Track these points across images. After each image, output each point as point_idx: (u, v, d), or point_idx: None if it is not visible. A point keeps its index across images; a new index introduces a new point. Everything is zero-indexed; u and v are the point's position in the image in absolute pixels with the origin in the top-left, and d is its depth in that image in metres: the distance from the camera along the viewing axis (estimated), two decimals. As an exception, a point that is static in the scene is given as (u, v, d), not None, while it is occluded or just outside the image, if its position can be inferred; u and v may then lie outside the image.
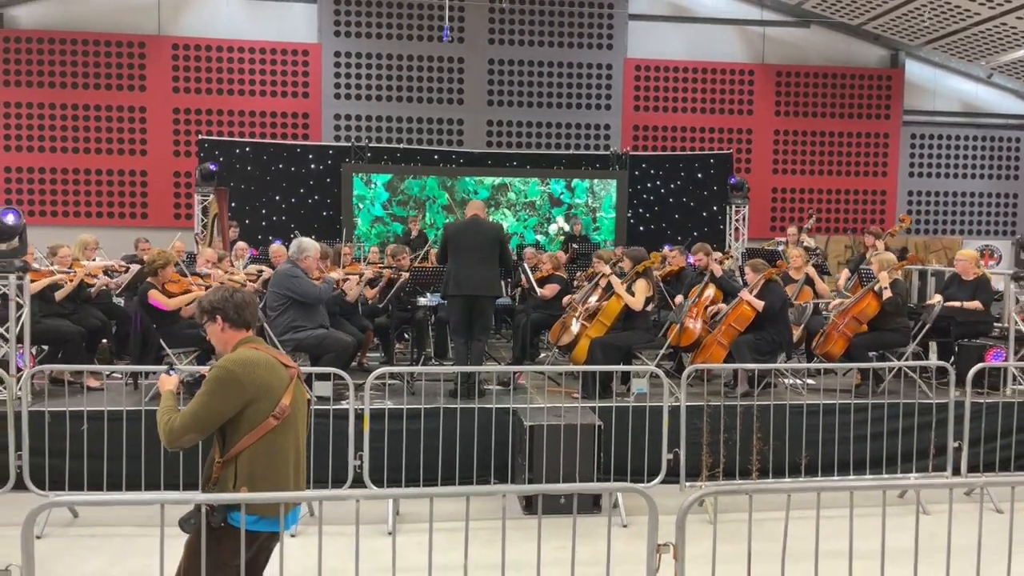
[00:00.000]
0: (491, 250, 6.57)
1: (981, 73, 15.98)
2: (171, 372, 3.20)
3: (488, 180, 13.83)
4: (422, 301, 7.33)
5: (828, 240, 14.83)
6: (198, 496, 2.69)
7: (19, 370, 5.74)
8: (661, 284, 7.43)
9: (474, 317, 6.58)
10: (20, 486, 5.14)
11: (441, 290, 6.81)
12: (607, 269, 7.15)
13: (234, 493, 2.82)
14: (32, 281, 6.38)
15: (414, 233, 11.95)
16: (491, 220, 6.78)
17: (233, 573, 2.85)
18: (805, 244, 9.67)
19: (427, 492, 3.05)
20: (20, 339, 5.88)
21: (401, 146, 14.38)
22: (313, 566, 2.93)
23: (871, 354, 6.95)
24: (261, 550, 3.03)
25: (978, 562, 3.08)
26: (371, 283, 7.90)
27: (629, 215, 14.29)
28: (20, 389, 5.38)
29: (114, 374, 6.41)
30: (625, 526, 5.32)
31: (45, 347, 6.90)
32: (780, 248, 9.41)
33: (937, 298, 7.36)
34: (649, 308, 6.98)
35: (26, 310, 5.88)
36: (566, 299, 7.83)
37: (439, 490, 3.57)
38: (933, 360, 7.00)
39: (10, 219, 5.39)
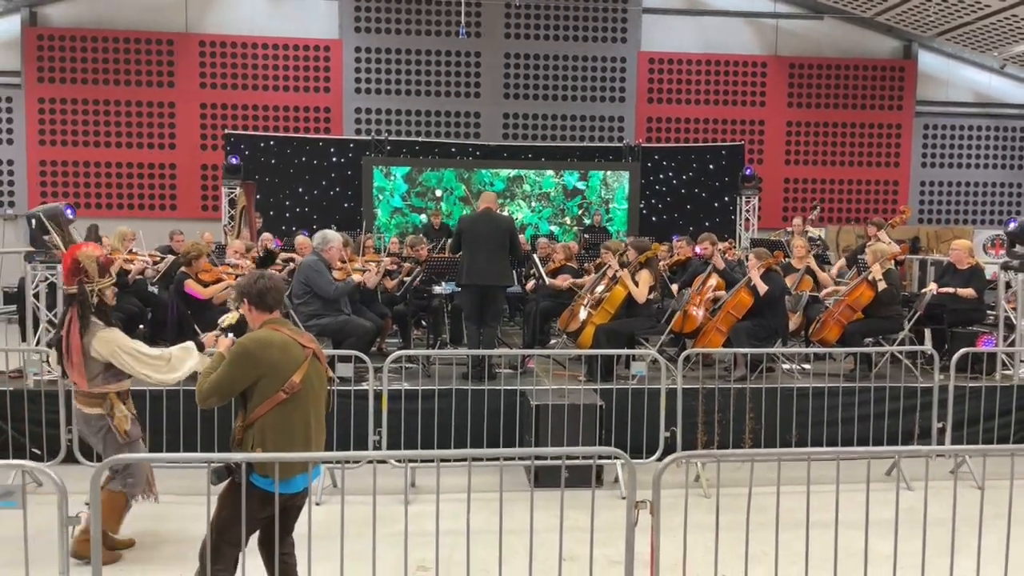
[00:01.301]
0: (502, 242, 6.97)
1: (994, 64, 16.07)
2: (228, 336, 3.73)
3: (504, 172, 14.22)
4: (437, 289, 7.75)
5: (839, 230, 15.07)
6: (236, 456, 3.13)
7: (66, 353, 6.23)
8: (664, 273, 7.78)
9: (486, 305, 6.99)
10: (70, 459, 5.64)
11: (455, 279, 7.23)
12: (613, 260, 7.53)
13: (257, 453, 3.26)
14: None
15: (436, 225, 12.36)
16: (502, 213, 7.18)
17: (257, 525, 3.35)
18: (810, 234, 9.97)
19: (434, 455, 3.46)
20: (66, 324, 6.37)
21: (419, 139, 14.79)
22: (338, 529, 3.34)
23: (866, 340, 7.27)
24: (287, 509, 3.41)
25: (952, 534, 3.41)
26: (390, 274, 8.33)
27: (642, 206, 14.61)
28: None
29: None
30: (624, 498, 5.72)
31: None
32: (785, 239, 9.72)
33: (931, 286, 7.66)
34: (652, 296, 7.35)
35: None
36: (569, 282, 8.22)
37: (445, 453, 4.00)
38: (923, 346, 7.30)
39: (70, 215, 5.87)
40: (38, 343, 6.29)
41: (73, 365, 4.27)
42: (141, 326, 7.90)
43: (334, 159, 14.25)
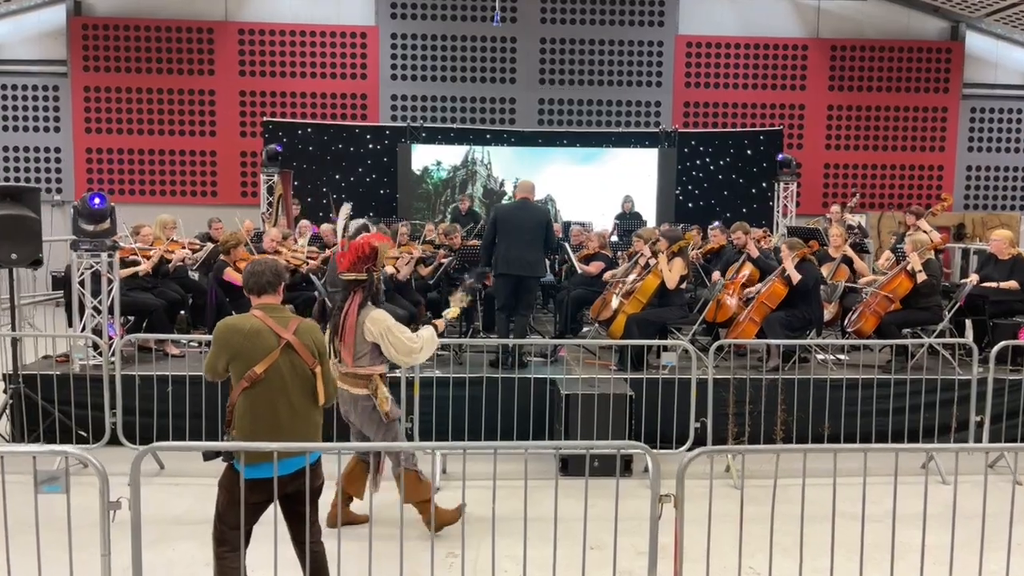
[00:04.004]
0: (537, 233, 6.99)
1: (1045, 45, 15.57)
2: None
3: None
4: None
5: (880, 217, 14.79)
6: (271, 444, 3.22)
7: (110, 338, 6.44)
8: (697, 263, 7.74)
9: (520, 295, 7.03)
10: (114, 441, 5.84)
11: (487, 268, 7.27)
12: (646, 248, 7.51)
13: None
14: (121, 259, 7.08)
15: (464, 210, 12.43)
16: (539, 203, 7.20)
17: (253, 510, 3.40)
18: (848, 222, 9.81)
19: (461, 446, 3.52)
20: (111, 311, 6.57)
21: (455, 125, 14.83)
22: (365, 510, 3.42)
23: (904, 332, 7.16)
24: (282, 496, 3.46)
25: (983, 528, 3.37)
26: (425, 261, 8.42)
27: (678, 192, 14.49)
28: (113, 356, 6.06)
29: (191, 343, 7.09)
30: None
31: (131, 318, 7.62)
32: (823, 227, 9.57)
33: (972, 277, 7.51)
34: (683, 286, 7.32)
35: (116, 284, 6.55)
36: (607, 274, 8.21)
37: (472, 445, 4.06)
38: (961, 338, 7.17)
39: (96, 203, 6.01)
40: (83, 329, 6.49)
41: (345, 344, 4.51)
42: (182, 311, 8.09)
43: (370, 146, 14.37)
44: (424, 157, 14.18)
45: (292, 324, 3.52)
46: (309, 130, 14.33)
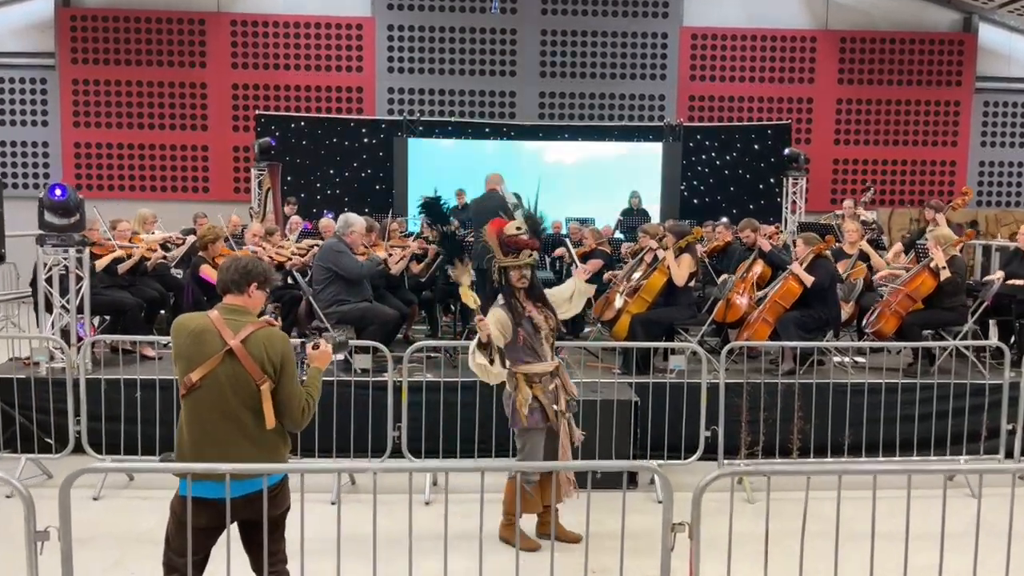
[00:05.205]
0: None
1: (1061, 37, 15.13)
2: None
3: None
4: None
5: (892, 213, 14.35)
6: (222, 466, 2.80)
7: (80, 339, 6.02)
8: (706, 259, 7.32)
9: None
10: (79, 450, 5.42)
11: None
12: (653, 244, 7.08)
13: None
14: (97, 256, 6.66)
15: (461, 205, 12.00)
16: (511, 192, 6.76)
17: (198, 537, 2.94)
18: (862, 218, 9.38)
19: (443, 466, 3.10)
20: (81, 310, 6.16)
21: (453, 119, 14.41)
22: (351, 532, 3.02)
23: (925, 333, 6.74)
24: (242, 524, 3.08)
25: (1008, 545, 2.99)
26: (418, 258, 8.00)
27: (683, 187, 14.07)
28: (84, 358, 5.63)
29: (169, 344, 6.65)
30: (660, 502, 5.32)
31: (108, 317, 7.20)
32: (836, 222, 9.15)
33: (998, 274, 7.07)
34: (692, 284, 6.90)
35: (86, 282, 6.14)
36: (607, 275, 7.78)
37: (455, 464, 3.63)
38: (990, 340, 6.74)
39: (57, 194, 5.60)
40: (52, 329, 6.08)
41: None
42: (163, 311, 7.68)
43: (366, 140, 13.95)
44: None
45: (246, 330, 3.05)
46: (303, 124, 13.94)
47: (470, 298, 4.18)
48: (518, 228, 4.38)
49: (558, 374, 4.50)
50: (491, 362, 4.14)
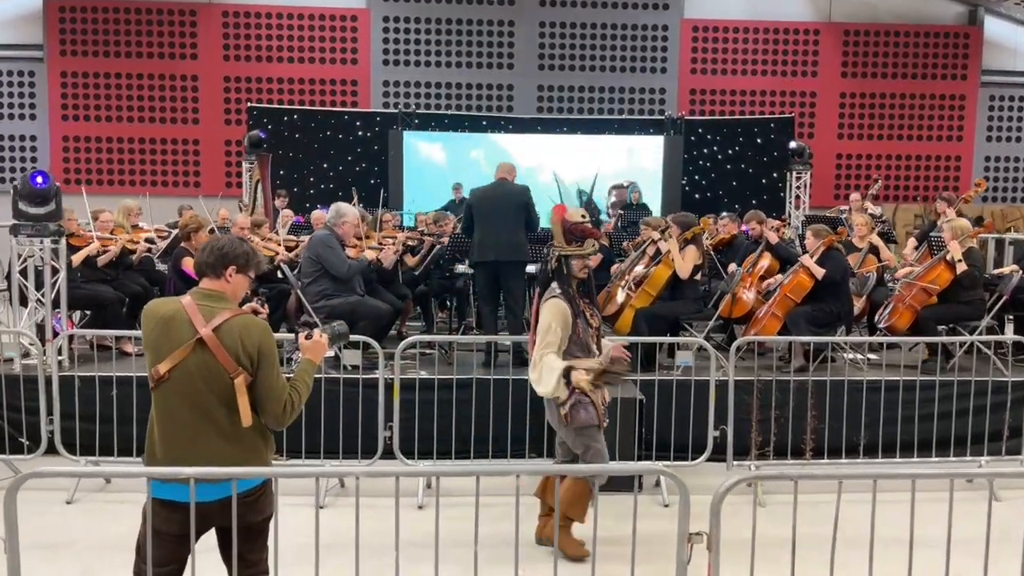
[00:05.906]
0: (516, 214, 6.26)
1: (1068, 30, 14.87)
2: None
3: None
4: (460, 269, 7.10)
5: (896, 208, 14.09)
6: (186, 470, 2.51)
7: (56, 335, 5.73)
8: (711, 252, 7.05)
9: (502, 285, 6.31)
10: (53, 450, 5.13)
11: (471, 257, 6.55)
12: (656, 235, 6.80)
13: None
14: (75, 248, 6.37)
15: (458, 199, 11.73)
16: (518, 183, 6.45)
17: (169, 543, 2.70)
18: (870, 211, 9.10)
19: (435, 470, 2.82)
20: (57, 304, 5.86)
21: (450, 112, 14.12)
22: (341, 539, 2.74)
23: (941, 328, 6.46)
24: (218, 531, 2.82)
25: None
26: (412, 251, 7.72)
27: (684, 182, 13.79)
28: (59, 354, 5.34)
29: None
30: (666, 505, 5.05)
31: (88, 312, 6.91)
32: (843, 216, 8.88)
33: (1014, 267, 6.81)
34: (697, 277, 6.62)
35: (62, 275, 5.84)
36: (614, 268, 7.50)
37: (448, 467, 3.34)
38: (1009, 335, 6.47)
39: (39, 181, 5.31)
40: (29, 324, 5.79)
41: (534, 329, 4.12)
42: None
43: (360, 133, 13.65)
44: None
45: (219, 317, 2.76)
46: (296, 117, 13.64)
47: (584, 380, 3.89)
48: (583, 216, 4.09)
49: None
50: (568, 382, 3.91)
